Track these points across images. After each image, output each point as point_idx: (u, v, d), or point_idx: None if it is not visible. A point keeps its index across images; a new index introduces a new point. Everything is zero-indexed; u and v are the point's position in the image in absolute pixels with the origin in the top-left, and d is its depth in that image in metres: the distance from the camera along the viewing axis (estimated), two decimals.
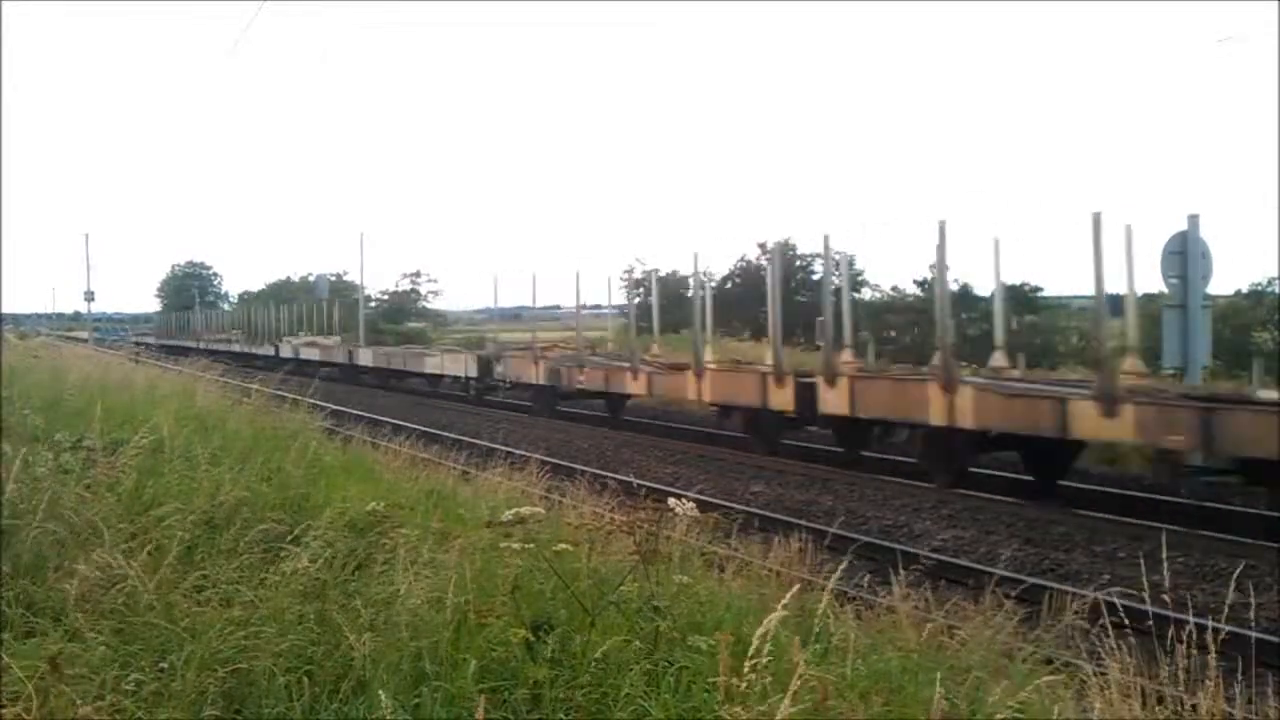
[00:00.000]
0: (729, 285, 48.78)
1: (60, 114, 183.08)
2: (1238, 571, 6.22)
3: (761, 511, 11.48)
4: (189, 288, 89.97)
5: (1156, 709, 3.67)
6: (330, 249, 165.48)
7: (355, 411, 19.45)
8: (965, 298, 43.35)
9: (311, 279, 62.50)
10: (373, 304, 55.10)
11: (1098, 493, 13.02)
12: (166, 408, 9.15)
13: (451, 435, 17.02)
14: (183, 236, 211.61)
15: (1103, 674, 3.78)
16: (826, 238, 18.23)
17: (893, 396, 14.45)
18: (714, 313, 21.41)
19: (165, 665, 3.27)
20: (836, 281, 18.38)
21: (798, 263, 48.13)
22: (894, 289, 46.07)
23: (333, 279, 59.39)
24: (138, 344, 57.65)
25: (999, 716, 3.18)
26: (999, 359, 14.66)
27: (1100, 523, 11.23)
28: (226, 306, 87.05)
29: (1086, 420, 11.67)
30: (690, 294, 49.22)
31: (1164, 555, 5.62)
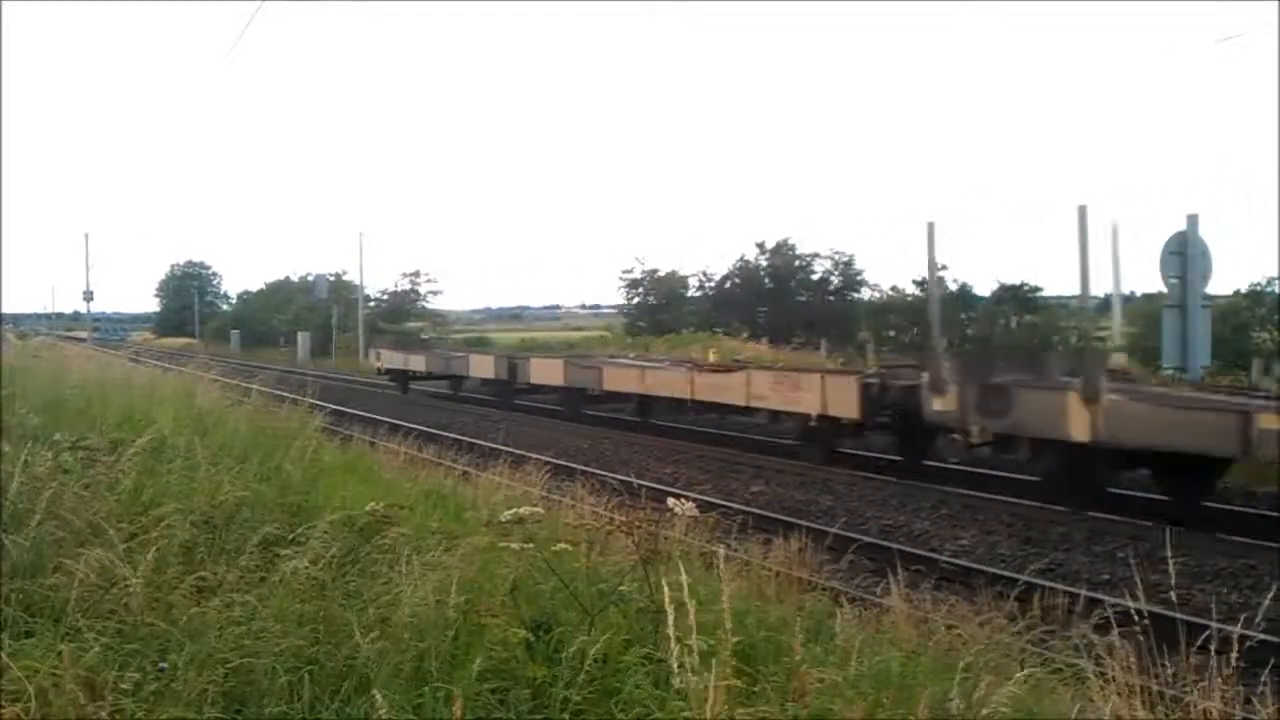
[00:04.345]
0: (728, 285, 48.74)
1: (60, 114, 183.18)
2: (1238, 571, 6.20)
3: (761, 511, 11.47)
4: (189, 288, 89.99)
5: (1157, 709, 3.66)
6: (330, 249, 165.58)
7: (355, 411, 19.45)
8: (965, 297, 43.49)
9: (310, 279, 62.46)
10: (371, 303, 55.07)
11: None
12: (166, 408, 9.14)
13: (451, 435, 17.01)
14: (183, 236, 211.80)
15: (1103, 674, 3.78)
16: None
17: None
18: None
19: (165, 665, 3.27)
20: None
21: (797, 263, 48.13)
22: (894, 289, 46.05)
23: (332, 279, 59.36)
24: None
25: (999, 716, 3.18)
26: None
27: (1100, 523, 11.23)
28: (226, 307, 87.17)
29: None
30: (690, 293, 49.34)
31: (1165, 555, 5.61)
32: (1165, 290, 16.05)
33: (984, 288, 43.63)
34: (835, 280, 47.81)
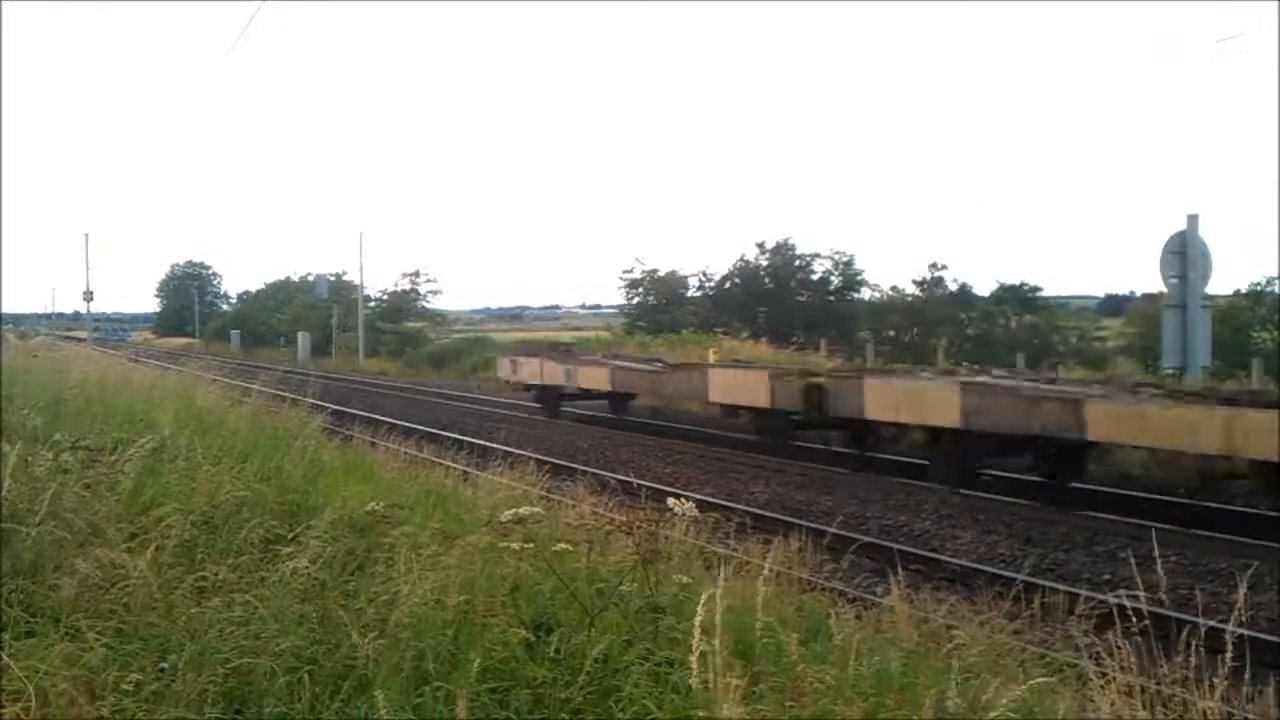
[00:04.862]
0: (728, 285, 48.74)
1: (60, 114, 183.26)
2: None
3: (761, 511, 11.47)
4: (189, 288, 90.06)
5: (1158, 710, 3.66)
6: (330, 249, 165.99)
7: (355, 411, 19.44)
8: (965, 297, 43.56)
9: (311, 279, 62.47)
10: (371, 303, 55.06)
11: (1098, 492, 13.01)
12: (166, 408, 9.15)
13: (451, 435, 17.01)
14: (183, 236, 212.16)
15: (1103, 674, 3.77)
16: None
17: None
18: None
19: (165, 665, 3.27)
20: None
21: (797, 263, 48.13)
22: (894, 289, 46.11)
23: (332, 279, 59.37)
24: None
25: (997, 715, 3.18)
26: None
27: (1100, 523, 11.23)
28: (226, 307, 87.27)
29: None
30: (690, 293, 49.35)
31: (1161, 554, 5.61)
32: (1165, 290, 16.05)
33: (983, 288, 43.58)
34: (835, 280, 47.82)
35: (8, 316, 51.66)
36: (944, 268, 44.90)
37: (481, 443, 15.88)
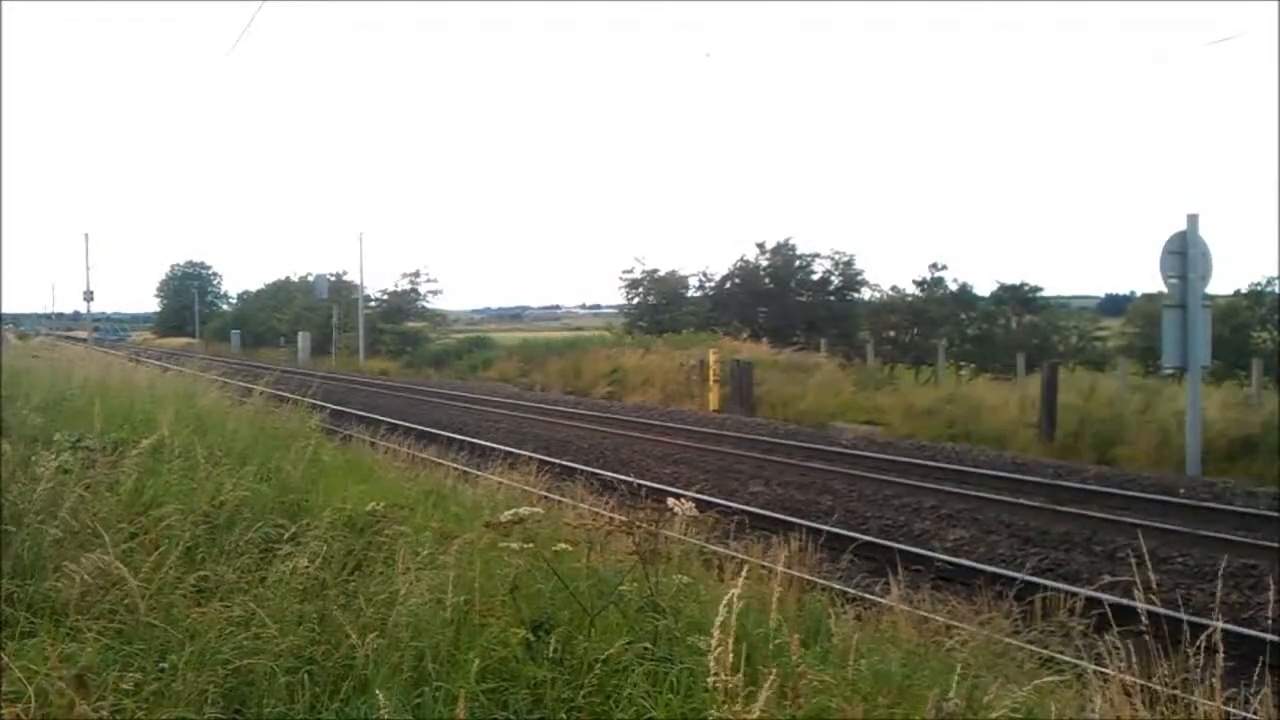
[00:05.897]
0: (728, 285, 48.68)
1: (60, 114, 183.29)
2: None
3: (762, 511, 11.46)
4: (189, 288, 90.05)
5: (1158, 709, 3.66)
6: (329, 249, 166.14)
7: (355, 411, 19.44)
8: (965, 297, 43.51)
9: (311, 279, 62.43)
10: (371, 303, 55.05)
11: (1098, 492, 13.02)
12: (167, 408, 9.14)
13: (451, 435, 17.00)
14: (183, 236, 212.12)
15: (1103, 674, 3.77)
16: None
17: None
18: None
19: (165, 665, 3.27)
20: None
21: (797, 263, 48.06)
22: (894, 289, 46.03)
23: (332, 279, 59.31)
24: None
25: (997, 715, 3.18)
26: None
27: (1100, 523, 11.22)
28: (226, 307, 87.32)
29: None
30: (690, 293, 49.31)
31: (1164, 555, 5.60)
32: (1165, 290, 16.05)
33: (983, 288, 43.55)
34: (835, 280, 47.74)
35: (8, 316, 51.70)
36: (944, 268, 44.70)
37: (481, 442, 15.88)
